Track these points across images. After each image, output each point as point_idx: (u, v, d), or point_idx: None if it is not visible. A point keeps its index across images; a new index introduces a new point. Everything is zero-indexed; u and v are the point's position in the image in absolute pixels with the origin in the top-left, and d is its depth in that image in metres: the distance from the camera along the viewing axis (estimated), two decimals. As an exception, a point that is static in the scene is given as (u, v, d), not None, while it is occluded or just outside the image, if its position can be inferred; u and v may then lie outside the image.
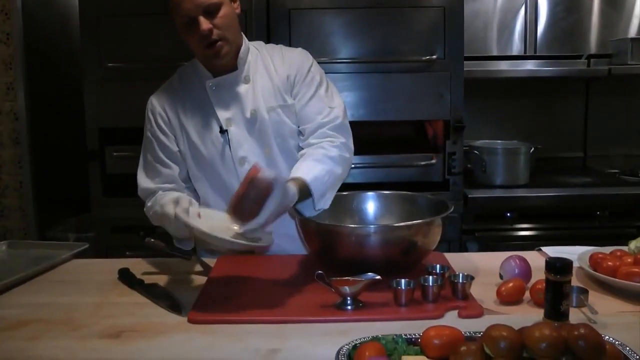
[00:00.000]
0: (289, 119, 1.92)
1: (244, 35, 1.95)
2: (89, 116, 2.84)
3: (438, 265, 1.61)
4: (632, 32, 3.64)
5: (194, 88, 1.93)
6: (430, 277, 1.52)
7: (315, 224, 1.71)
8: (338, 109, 1.94)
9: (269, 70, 1.95)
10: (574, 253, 1.74)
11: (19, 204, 3.35)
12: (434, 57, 2.80)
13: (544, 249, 1.95)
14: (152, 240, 1.86)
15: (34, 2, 3.23)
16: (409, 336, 1.22)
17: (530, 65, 3.29)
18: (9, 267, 1.88)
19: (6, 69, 3.27)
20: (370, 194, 1.99)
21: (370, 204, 1.98)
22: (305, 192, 1.71)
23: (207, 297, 1.57)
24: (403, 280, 1.50)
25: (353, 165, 2.28)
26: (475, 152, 3.15)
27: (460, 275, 1.54)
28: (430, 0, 2.81)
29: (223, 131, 1.89)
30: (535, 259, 1.75)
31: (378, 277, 1.46)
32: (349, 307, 1.47)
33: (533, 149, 3.18)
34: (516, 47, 3.66)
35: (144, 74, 2.79)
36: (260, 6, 2.78)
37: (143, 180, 1.96)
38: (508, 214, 2.95)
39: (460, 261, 1.83)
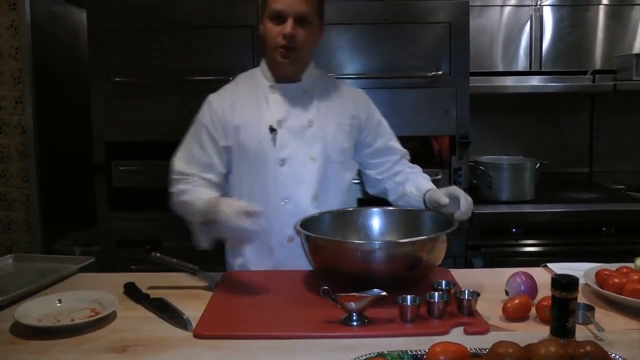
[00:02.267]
0: (344, 136, 2.05)
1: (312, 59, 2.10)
2: (95, 130, 2.85)
3: (444, 282, 1.61)
4: (637, 48, 3.65)
5: (253, 90, 2.05)
6: (436, 293, 1.52)
7: (320, 240, 1.72)
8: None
9: (330, 92, 2.10)
10: (580, 269, 1.73)
11: (26, 217, 3.36)
12: (440, 72, 2.81)
13: (549, 265, 1.94)
14: (158, 254, 1.86)
15: (43, 17, 3.26)
16: (414, 352, 1.23)
17: (535, 81, 3.30)
18: (15, 280, 1.89)
19: (15, 83, 3.29)
20: (375, 210, 2.00)
21: (376, 220, 1.99)
22: None
23: (212, 312, 1.57)
24: (409, 297, 1.50)
25: (358, 181, 2.30)
26: (481, 167, 3.15)
27: (466, 291, 1.54)
28: (436, 16, 2.82)
29: (272, 130, 1.98)
30: (541, 275, 1.75)
31: (384, 293, 1.46)
32: (355, 323, 1.46)
33: (539, 164, 3.18)
34: (521, 63, 3.68)
35: (151, 89, 2.82)
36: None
37: (179, 163, 2.03)
38: (514, 230, 2.94)
39: (466, 277, 1.83)
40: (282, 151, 1.98)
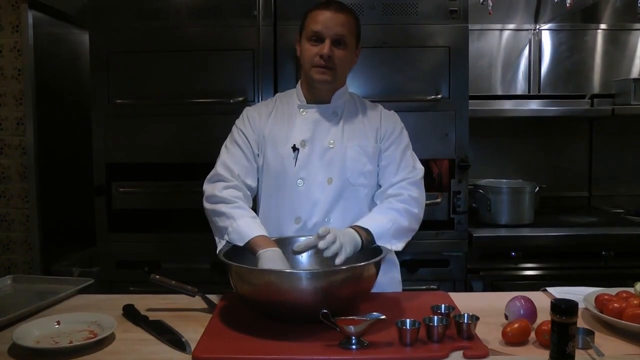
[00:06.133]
0: (367, 159, 2.05)
1: (347, 82, 2.12)
2: (96, 151, 2.86)
3: (443, 305, 1.61)
4: (634, 73, 3.69)
5: (286, 109, 2.11)
6: (436, 317, 1.52)
7: (231, 266, 1.66)
8: (419, 170, 2.09)
9: (359, 114, 2.12)
10: (580, 294, 1.73)
11: (25, 238, 3.36)
12: (439, 96, 2.83)
13: (549, 289, 1.94)
14: (157, 277, 1.86)
15: (46, 39, 3.28)
16: (414, 377, 1.22)
17: (534, 105, 3.31)
18: (13, 301, 1.88)
19: (17, 104, 3.31)
20: (302, 239, 1.92)
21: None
22: (369, 238, 1.86)
23: (211, 335, 1.57)
24: (408, 320, 1.50)
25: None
26: (480, 191, 3.15)
27: (466, 315, 1.53)
28: (435, 41, 2.85)
29: (295, 149, 2.03)
30: (541, 300, 1.75)
31: (383, 316, 1.46)
32: (354, 347, 1.46)
33: (538, 188, 3.19)
34: (520, 87, 3.71)
35: (152, 111, 2.83)
36: (268, 44, 2.82)
37: (220, 169, 2.03)
38: (513, 253, 2.94)
39: (465, 301, 1.83)
40: (302, 171, 2.02)
